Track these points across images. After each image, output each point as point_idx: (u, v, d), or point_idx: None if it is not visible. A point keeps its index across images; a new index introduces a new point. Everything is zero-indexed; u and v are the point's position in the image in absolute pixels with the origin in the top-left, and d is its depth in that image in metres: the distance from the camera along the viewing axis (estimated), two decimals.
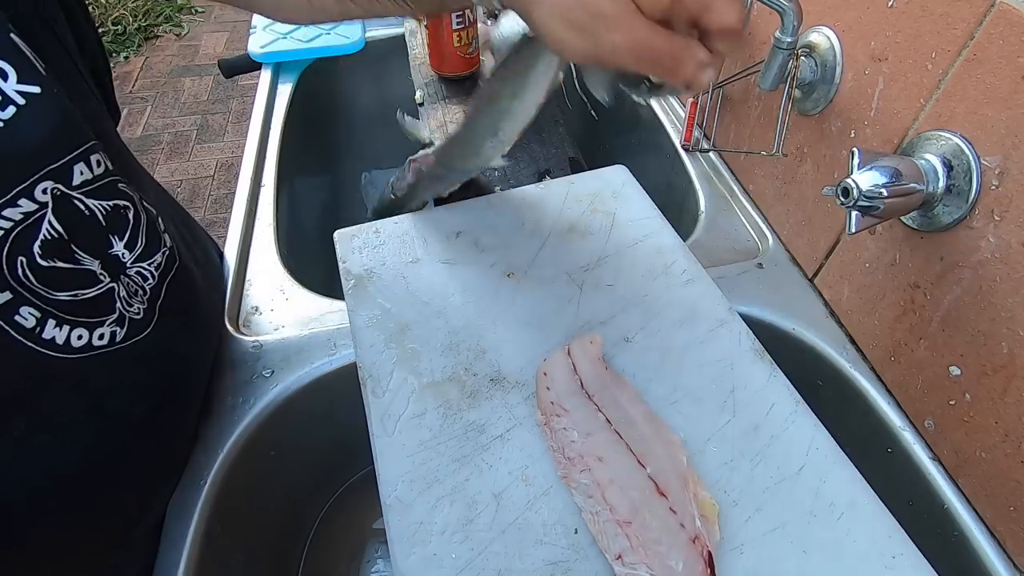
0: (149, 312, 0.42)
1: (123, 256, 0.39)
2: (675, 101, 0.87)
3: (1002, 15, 0.39)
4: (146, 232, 0.41)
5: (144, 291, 0.41)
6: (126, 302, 0.39)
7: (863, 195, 0.41)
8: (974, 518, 0.47)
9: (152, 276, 0.42)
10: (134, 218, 0.39)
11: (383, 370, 0.44)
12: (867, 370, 0.56)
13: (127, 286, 0.40)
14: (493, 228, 0.53)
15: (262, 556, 0.60)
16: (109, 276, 0.38)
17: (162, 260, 0.43)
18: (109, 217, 0.37)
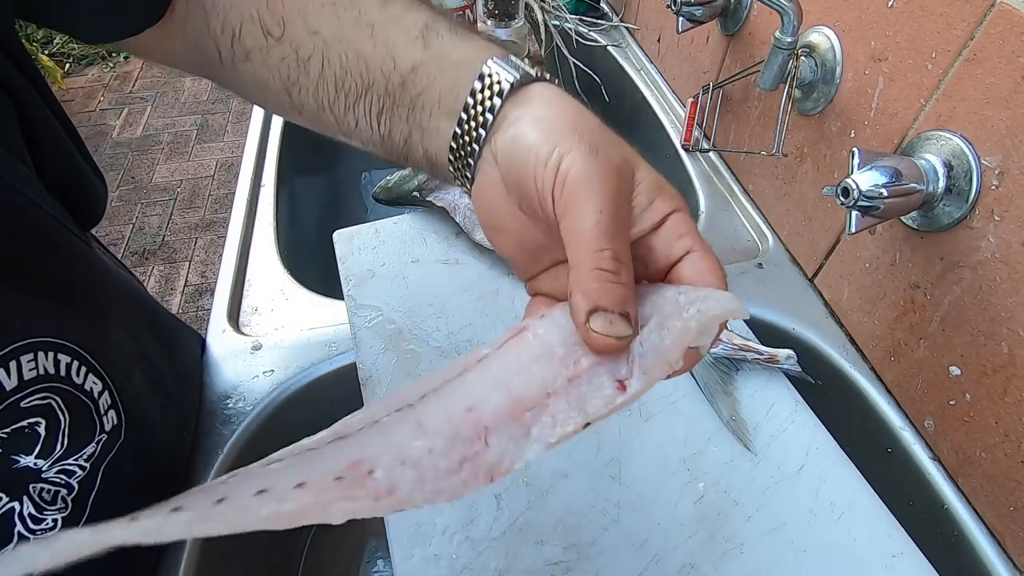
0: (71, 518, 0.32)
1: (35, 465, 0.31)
2: (675, 101, 0.87)
3: (1002, 15, 0.39)
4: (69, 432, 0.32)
5: (70, 488, 0.32)
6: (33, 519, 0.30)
7: (863, 195, 0.41)
8: (974, 518, 0.47)
9: (82, 469, 0.33)
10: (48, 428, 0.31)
11: (383, 371, 0.44)
12: (867, 370, 0.56)
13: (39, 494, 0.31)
14: None
15: (262, 556, 0.60)
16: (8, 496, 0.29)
17: (96, 449, 0.34)
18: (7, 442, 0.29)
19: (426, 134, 0.28)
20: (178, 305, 1.74)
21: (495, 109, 0.25)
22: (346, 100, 0.29)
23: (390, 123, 0.29)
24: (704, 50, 0.78)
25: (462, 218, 0.52)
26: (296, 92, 0.31)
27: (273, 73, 0.31)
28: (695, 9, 0.68)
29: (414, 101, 0.28)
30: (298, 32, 0.29)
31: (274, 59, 0.30)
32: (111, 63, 2.57)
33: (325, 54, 0.29)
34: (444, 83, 0.27)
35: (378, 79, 0.28)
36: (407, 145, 0.29)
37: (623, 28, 1.02)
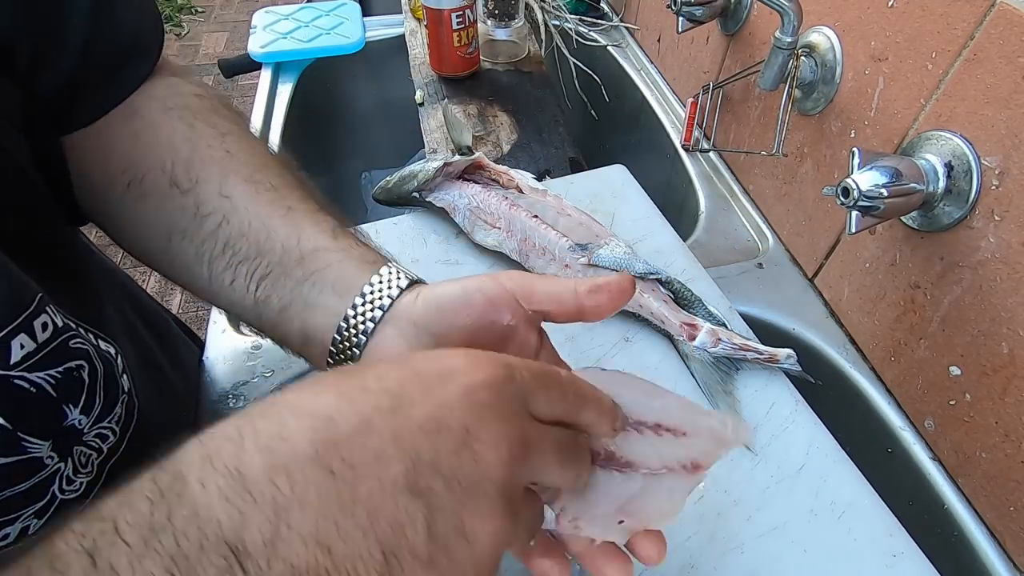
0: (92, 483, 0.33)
1: (79, 424, 0.32)
2: (675, 101, 0.87)
3: (1002, 15, 0.39)
4: (104, 385, 0.33)
5: (100, 453, 0.34)
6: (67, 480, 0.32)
7: (863, 195, 0.41)
8: (974, 518, 0.47)
9: (113, 433, 0.34)
10: (90, 376, 0.32)
11: None
12: (867, 370, 0.56)
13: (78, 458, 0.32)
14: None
15: None
16: (58, 456, 0.31)
17: (122, 411, 0.35)
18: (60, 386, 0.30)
19: (308, 308, 0.31)
20: (178, 305, 1.74)
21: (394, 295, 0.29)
22: (231, 259, 0.32)
23: (271, 289, 0.31)
24: (704, 50, 0.78)
25: (462, 219, 0.52)
26: (178, 239, 0.33)
27: (161, 219, 0.33)
28: (695, 9, 0.68)
29: (307, 276, 0.31)
30: (207, 192, 0.33)
31: (170, 206, 0.33)
32: None
33: (227, 215, 0.32)
34: (343, 269, 0.30)
35: (276, 249, 0.31)
36: (282, 314, 0.31)
37: (623, 28, 1.02)
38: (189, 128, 0.34)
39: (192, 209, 0.33)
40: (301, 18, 1.00)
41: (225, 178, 0.33)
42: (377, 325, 0.29)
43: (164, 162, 0.33)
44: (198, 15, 2.90)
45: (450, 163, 0.53)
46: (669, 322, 0.45)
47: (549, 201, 0.52)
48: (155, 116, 0.34)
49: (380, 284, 0.30)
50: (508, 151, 0.75)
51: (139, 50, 0.35)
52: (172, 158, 0.33)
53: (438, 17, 0.77)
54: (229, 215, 0.32)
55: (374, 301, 0.29)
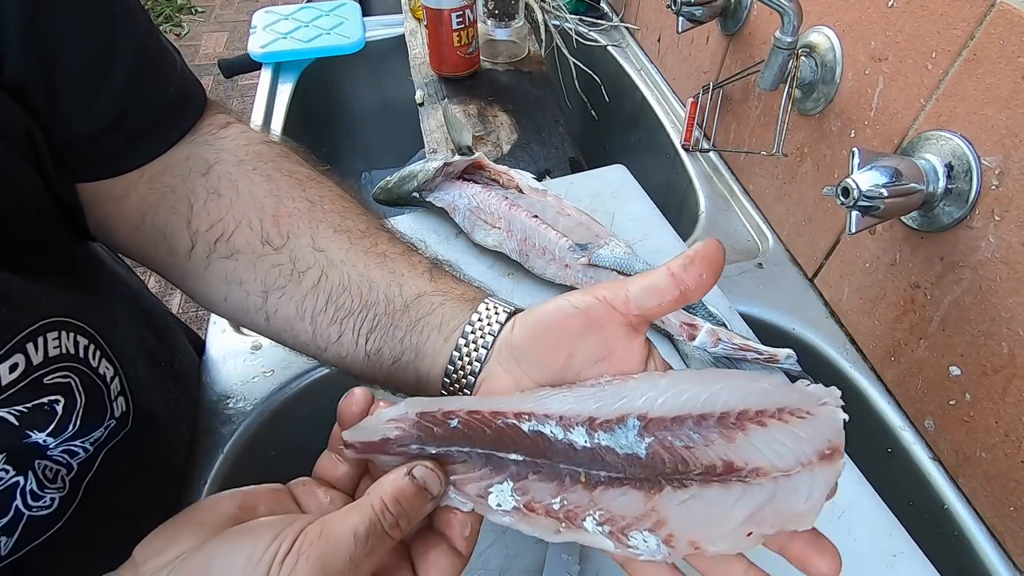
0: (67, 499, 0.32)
1: (43, 442, 0.31)
2: (675, 101, 0.87)
3: (1002, 15, 0.39)
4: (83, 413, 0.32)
5: (69, 468, 0.32)
6: (32, 495, 0.30)
7: (863, 195, 0.41)
8: (974, 518, 0.47)
9: (84, 451, 0.33)
10: (65, 408, 0.31)
11: None
12: (867, 370, 0.56)
13: (43, 472, 0.31)
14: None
15: None
16: (14, 469, 0.29)
17: (103, 434, 0.34)
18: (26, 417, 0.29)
19: (420, 356, 0.31)
20: (178, 305, 1.74)
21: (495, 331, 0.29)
22: (335, 313, 0.32)
23: (380, 341, 0.31)
24: (704, 50, 0.78)
25: (462, 219, 0.52)
26: (277, 296, 0.33)
27: (256, 276, 0.33)
28: (695, 9, 0.68)
29: (414, 324, 0.31)
30: (301, 246, 0.32)
31: (264, 265, 0.32)
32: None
33: (325, 271, 0.32)
34: (446, 311, 0.30)
35: (380, 300, 0.31)
36: (396, 364, 0.31)
37: (623, 28, 1.02)
38: (267, 180, 0.33)
39: (288, 266, 0.32)
40: (301, 18, 1.00)
41: (316, 231, 0.32)
42: (484, 364, 0.29)
43: (252, 220, 0.33)
44: (198, 15, 2.90)
45: (450, 163, 0.53)
46: (669, 322, 0.45)
47: (549, 201, 0.52)
48: (230, 169, 0.33)
49: (480, 322, 0.30)
50: (508, 151, 0.75)
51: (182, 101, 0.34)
52: (259, 214, 0.33)
53: (438, 17, 0.77)
54: (327, 269, 0.32)
55: (477, 340, 0.29)
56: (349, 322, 0.32)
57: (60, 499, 0.32)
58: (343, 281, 0.32)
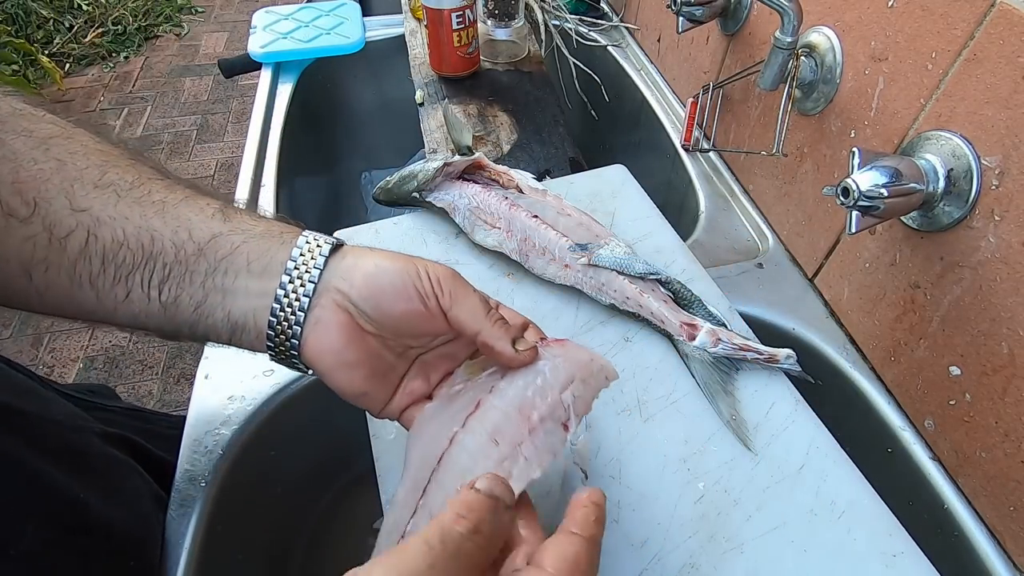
0: None
1: None
2: (675, 101, 0.87)
3: (1002, 15, 0.39)
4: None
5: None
6: None
7: (863, 195, 0.41)
8: (974, 518, 0.47)
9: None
10: None
11: None
12: (867, 370, 0.56)
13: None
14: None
15: (262, 556, 0.60)
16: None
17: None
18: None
19: (229, 295, 0.29)
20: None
21: (319, 264, 0.29)
22: (116, 273, 0.29)
23: (177, 289, 0.29)
24: (704, 50, 0.78)
25: (461, 219, 0.52)
26: (41, 271, 0.29)
27: (11, 253, 0.29)
28: (695, 9, 0.68)
29: (214, 266, 0.29)
30: (55, 211, 0.29)
31: (15, 239, 0.28)
32: (111, 63, 2.57)
33: (92, 231, 0.29)
34: (252, 249, 0.29)
35: (167, 248, 0.29)
36: (199, 310, 0.30)
37: (623, 28, 1.02)
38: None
39: (44, 235, 0.28)
40: (301, 18, 1.00)
41: (71, 191, 0.29)
42: (312, 299, 0.29)
43: None
44: (198, 15, 2.90)
45: (450, 163, 0.53)
46: (669, 322, 0.45)
47: (549, 201, 0.52)
48: None
49: (303, 257, 0.29)
50: (508, 151, 0.75)
51: None
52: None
53: (438, 17, 0.77)
54: (94, 229, 0.29)
55: (302, 276, 0.29)
56: (135, 277, 0.29)
57: None
58: (117, 237, 0.29)
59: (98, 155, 0.30)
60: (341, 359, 0.30)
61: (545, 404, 0.30)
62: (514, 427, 0.29)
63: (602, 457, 0.39)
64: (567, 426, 0.30)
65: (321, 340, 0.30)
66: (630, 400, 0.42)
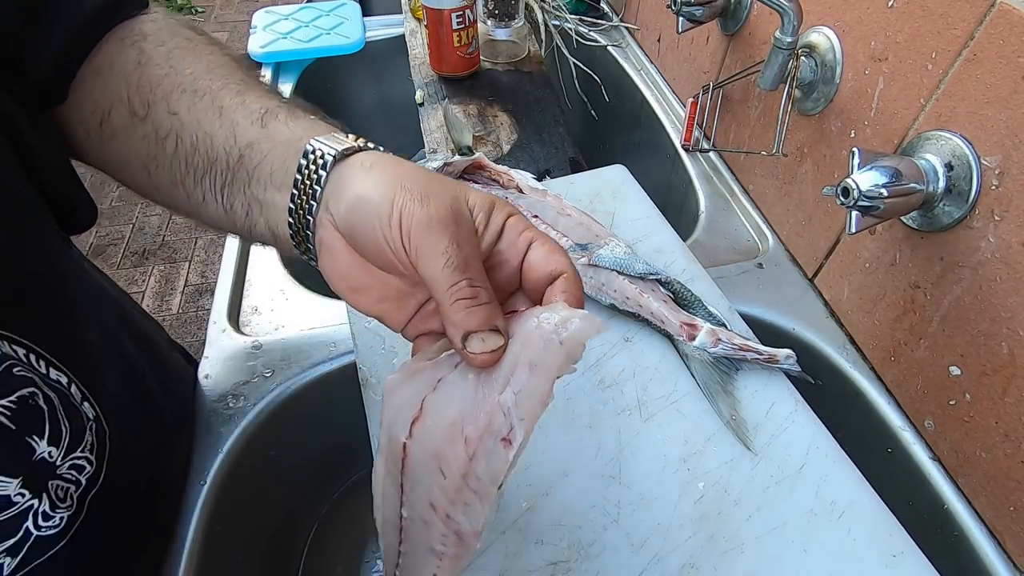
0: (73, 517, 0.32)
1: (50, 456, 0.30)
2: (675, 101, 0.87)
3: (1002, 15, 0.39)
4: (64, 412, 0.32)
5: (78, 485, 0.33)
6: (44, 516, 0.31)
7: (863, 195, 0.41)
8: (974, 518, 0.47)
9: (89, 463, 0.33)
10: (46, 403, 0.30)
11: (383, 372, 0.44)
12: (867, 370, 0.56)
13: (55, 492, 0.31)
14: None
15: (262, 556, 0.60)
16: (31, 493, 0.29)
17: (92, 439, 0.34)
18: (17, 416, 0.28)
19: (264, 207, 0.29)
20: (178, 305, 1.74)
21: (321, 180, 0.27)
22: (194, 175, 0.31)
23: (232, 197, 0.30)
24: (704, 50, 0.78)
25: None
26: (153, 168, 0.32)
27: (134, 150, 0.32)
28: (695, 9, 0.68)
29: (250, 175, 0.29)
30: (159, 113, 0.31)
31: (136, 137, 0.32)
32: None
33: (179, 133, 0.31)
34: (274, 158, 0.29)
35: (220, 155, 0.30)
36: (248, 218, 0.30)
37: (623, 28, 1.02)
38: (139, 53, 0.32)
39: (153, 135, 0.31)
40: (301, 18, 1.00)
41: (170, 95, 0.31)
42: (315, 218, 0.27)
43: (121, 93, 0.31)
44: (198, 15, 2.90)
45: (450, 163, 0.53)
46: (669, 322, 0.45)
47: (549, 201, 0.52)
48: (111, 49, 0.32)
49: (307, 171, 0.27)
50: (508, 151, 0.75)
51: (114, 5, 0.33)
52: (127, 87, 0.31)
53: (438, 17, 0.77)
54: (180, 132, 0.31)
55: (306, 192, 0.27)
56: (205, 182, 0.31)
57: (67, 517, 0.32)
58: (192, 141, 0.30)
59: (203, 63, 0.32)
60: (348, 283, 0.28)
61: (482, 412, 0.23)
62: (456, 451, 0.24)
63: (602, 457, 0.39)
64: (509, 441, 0.23)
65: (327, 264, 0.28)
66: (630, 400, 0.42)
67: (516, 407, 0.23)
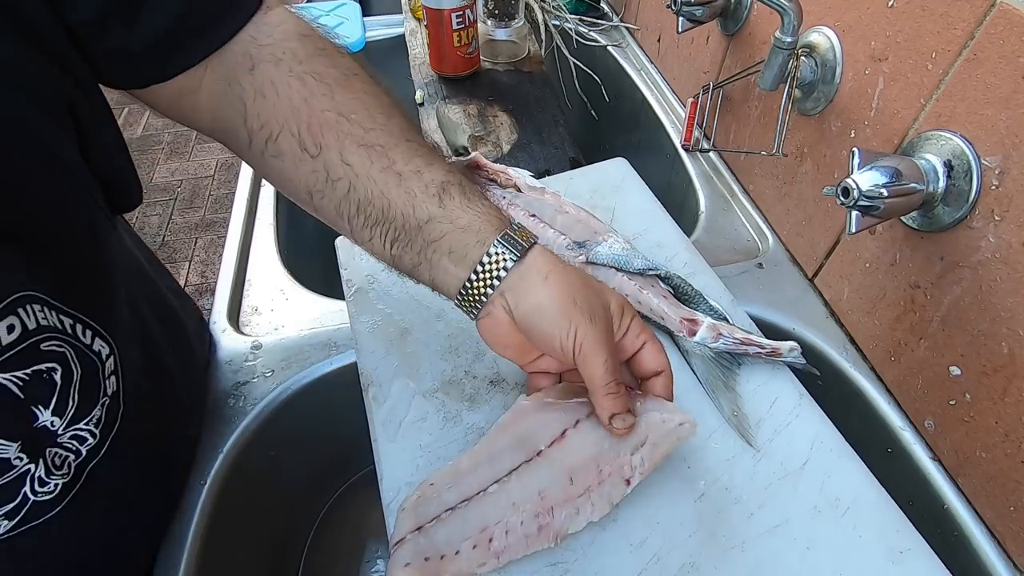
0: (70, 484, 0.34)
1: (52, 426, 0.32)
2: (675, 101, 0.87)
3: (1002, 15, 0.39)
4: (80, 388, 0.34)
5: (78, 455, 0.35)
6: (40, 481, 0.33)
7: (863, 195, 0.41)
8: (974, 518, 0.47)
9: (92, 435, 0.35)
10: (63, 378, 0.33)
11: (385, 375, 0.44)
12: (867, 370, 0.56)
13: (52, 459, 0.33)
14: None
15: (262, 556, 0.60)
16: (28, 457, 0.31)
17: (102, 413, 0.36)
18: (28, 387, 0.31)
19: (434, 269, 0.35)
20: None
21: (501, 278, 0.34)
22: (365, 221, 0.35)
23: (401, 250, 0.35)
24: (704, 50, 0.78)
25: None
26: (319, 198, 0.36)
27: (300, 177, 0.36)
28: (695, 9, 0.68)
29: (427, 244, 0.35)
30: (332, 158, 0.35)
31: (304, 168, 0.36)
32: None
33: (353, 183, 0.35)
34: (453, 240, 0.34)
35: (398, 217, 0.35)
36: (415, 270, 0.36)
37: (623, 28, 1.02)
38: (302, 84, 0.35)
39: (323, 174, 0.35)
40: None
41: (343, 145, 0.35)
42: (487, 299, 0.34)
43: (291, 125, 0.35)
44: None
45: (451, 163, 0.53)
46: (669, 318, 0.45)
47: (547, 199, 0.52)
48: (271, 69, 0.35)
49: (489, 265, 0.34)
50: (508, 151, 0.75)
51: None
52: (296, 122, 0.35)
53: (438, 17, 0.77)
54: (354, 182, 0.35)
55: (485, 279, 0.34)
56: (377, 229, 0.35)
57: (63, 485, 0.34)
58: (368, 195, 0.35)
59: (365, 112, 0.36)
60: (499, 342, 0.37)
61: (615, 462, 0.35)
62: (589, 473, 0.35)
63: None
64: (630, 482, 0.35)
65: (487, 329, 0.36)
66: None
67: (640, 465, 0.35)
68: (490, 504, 0.35)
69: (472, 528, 0.34)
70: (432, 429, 0.40)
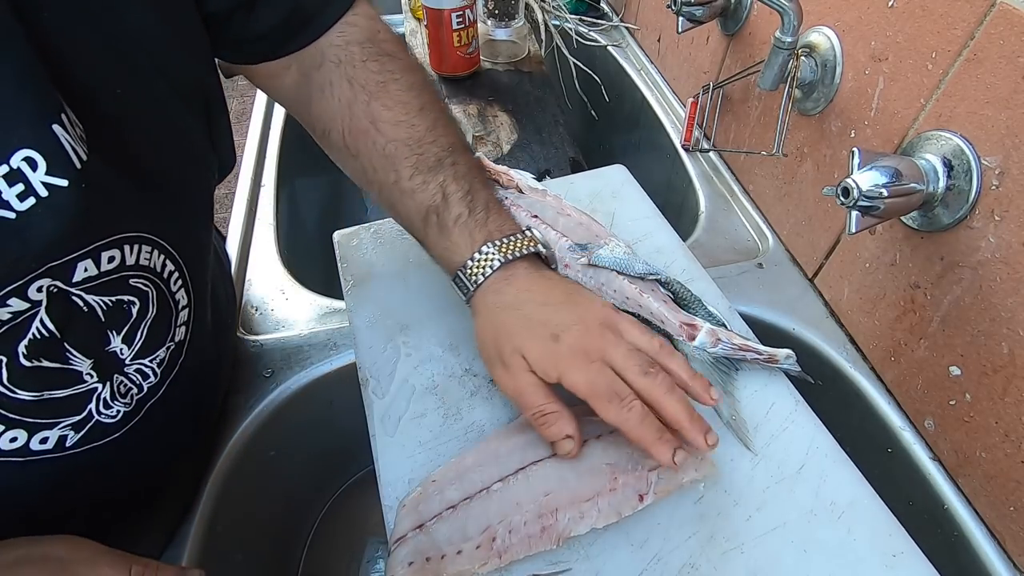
0: (130, 415, 0.37)
1: (121, 353, 0.35)
2: (675, 101, 0.87)
3: (1002, 15, 0.39)
4: (149, 328, 0.37)
5: (140, 389, 0.38)
6: (105, 403, 0.35)
7: (863, 195, 0.41)
8: (974, 518, 0.47)
9: (154, 374, 0.38)
10: (138, 313, 0.36)
11: (383, 371, 0.44)
12: (867, 370, 0.56)
13: (118, 386, 0.36)
14: None
15: (262, 556, 0.60)
16: (97, 376, 0.34)
17: (165, 356, 0.39)
18: (109, 312, 0.34)
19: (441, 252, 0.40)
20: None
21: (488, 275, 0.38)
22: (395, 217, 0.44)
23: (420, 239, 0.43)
24: (704, 50, 0.78)
25: None
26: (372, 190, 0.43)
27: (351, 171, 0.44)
28: (695, 9, 0.68)
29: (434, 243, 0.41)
30: (364, 166, 0.42)
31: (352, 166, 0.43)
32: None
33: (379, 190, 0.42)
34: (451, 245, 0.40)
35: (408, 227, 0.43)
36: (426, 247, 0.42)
37: (623, 28, 1.02)
38: (349, 87, 0.40)
39: (361, 174, 0.42)
40: None
41: (371, 154, 0.41)
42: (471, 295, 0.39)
43: (338, 125, 0.41)
44: None
45: None
46: (668, 322, 0.45)
47: (548, 201, 0.52)
48: (331, 69, 0.41)
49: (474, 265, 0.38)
50: (508, 151, 0.75)
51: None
52: (340, 124, 0.41)
53: (438, 17, 0.77)
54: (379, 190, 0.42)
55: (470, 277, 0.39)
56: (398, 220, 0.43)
57: (125, 413, 0.37)
58: (390, 202, 0.42)
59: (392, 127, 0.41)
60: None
61: (632, 475, 0.36)
62: (601, 480, 0.35)
63: None
64: (643, 498, 0.35)
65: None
66: None
67: (655, 484, 0.35)
68: (495, 502, 0.35)
69: (475, 527, 0.34)
70: (432, 426, 0.41)
